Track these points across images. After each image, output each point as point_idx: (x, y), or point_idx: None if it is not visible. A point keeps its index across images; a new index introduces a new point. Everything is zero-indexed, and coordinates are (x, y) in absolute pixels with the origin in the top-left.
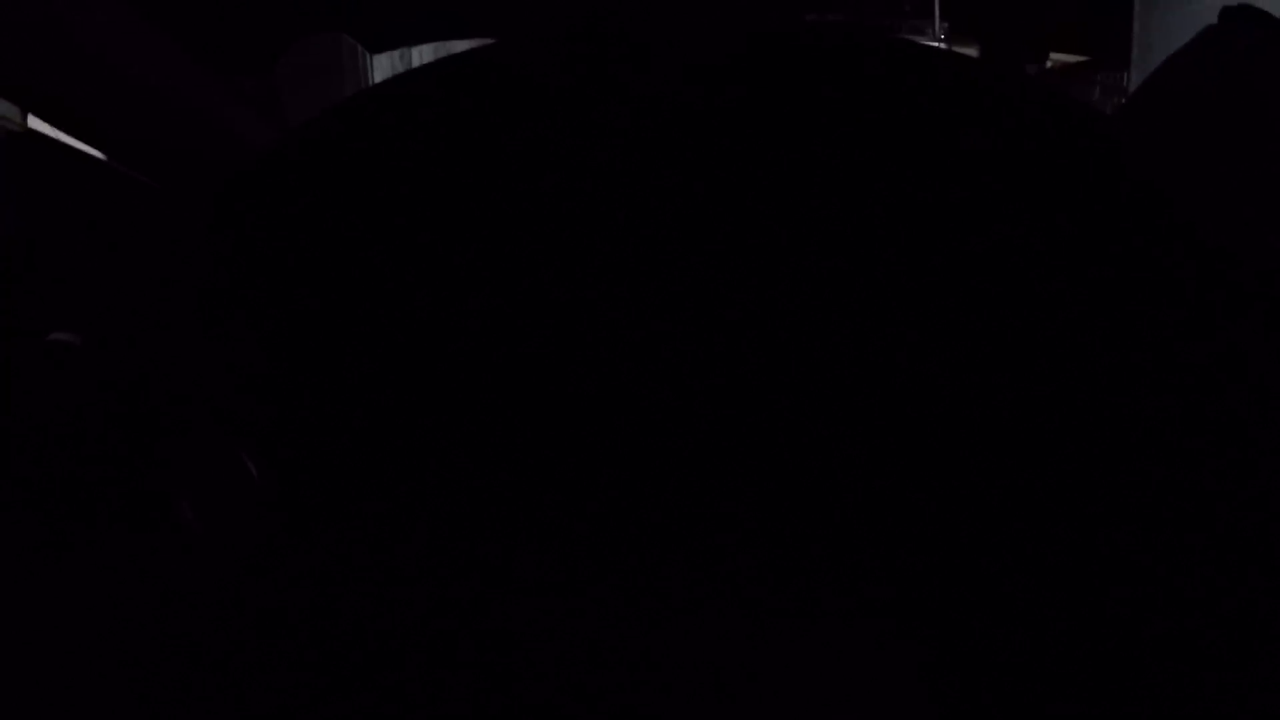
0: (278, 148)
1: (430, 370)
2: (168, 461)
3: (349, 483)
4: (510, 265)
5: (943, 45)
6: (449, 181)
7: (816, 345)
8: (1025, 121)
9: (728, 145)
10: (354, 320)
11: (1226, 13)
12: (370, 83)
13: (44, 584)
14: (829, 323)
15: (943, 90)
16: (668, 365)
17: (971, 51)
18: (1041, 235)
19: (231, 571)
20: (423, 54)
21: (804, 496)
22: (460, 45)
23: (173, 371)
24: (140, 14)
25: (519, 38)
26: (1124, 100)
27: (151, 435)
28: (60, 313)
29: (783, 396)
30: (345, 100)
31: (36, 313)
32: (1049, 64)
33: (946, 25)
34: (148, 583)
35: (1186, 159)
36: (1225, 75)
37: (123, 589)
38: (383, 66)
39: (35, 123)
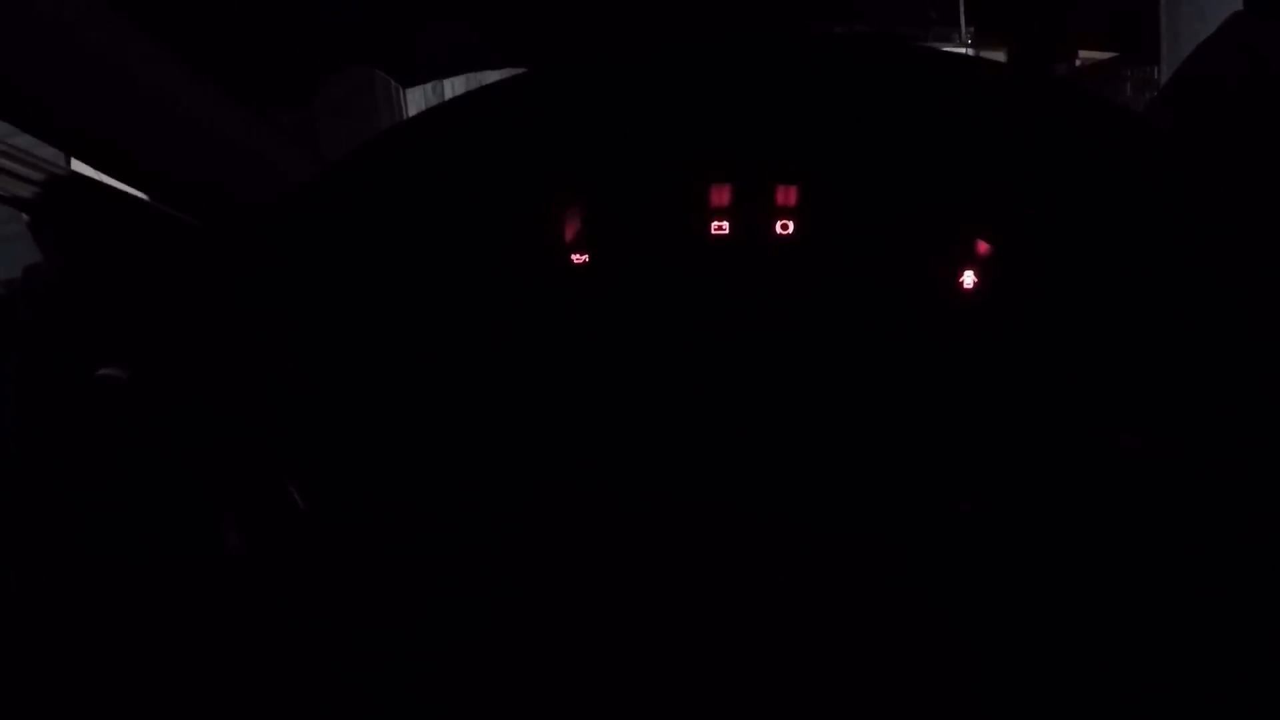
0: (317, 181)
1: (461, 382)
2: (212, 489)
3: (384, 493)
4: (535, 283)
5: (970, 49)
6: (481, 211)
7: (860, 340)
8: (1053, 123)
9: (758, 146)
10: (395, 344)
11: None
12: (404, 114)
13: (94, 607)
14: (871, 318)
15: (971, 96)
16: (721, 371)
17: (999, 54)
18: (1072, 234)
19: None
20: (454, 86)
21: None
22: (491, 76)
23: (216, 401)
24: (179, 53)
25: (551, 68)
26: (1156, 94)
27: (196, 464)
28: (106, 348)
29: (824, 400)
30: (381, 134)
31: (83, 349)
32: (1078, 62)
33: (973, 29)
34: (194, 602)
35: (1218, 149)
36: (1253, 62)
37: (170, 609)
38: (416, 99)
39: (78, 165)
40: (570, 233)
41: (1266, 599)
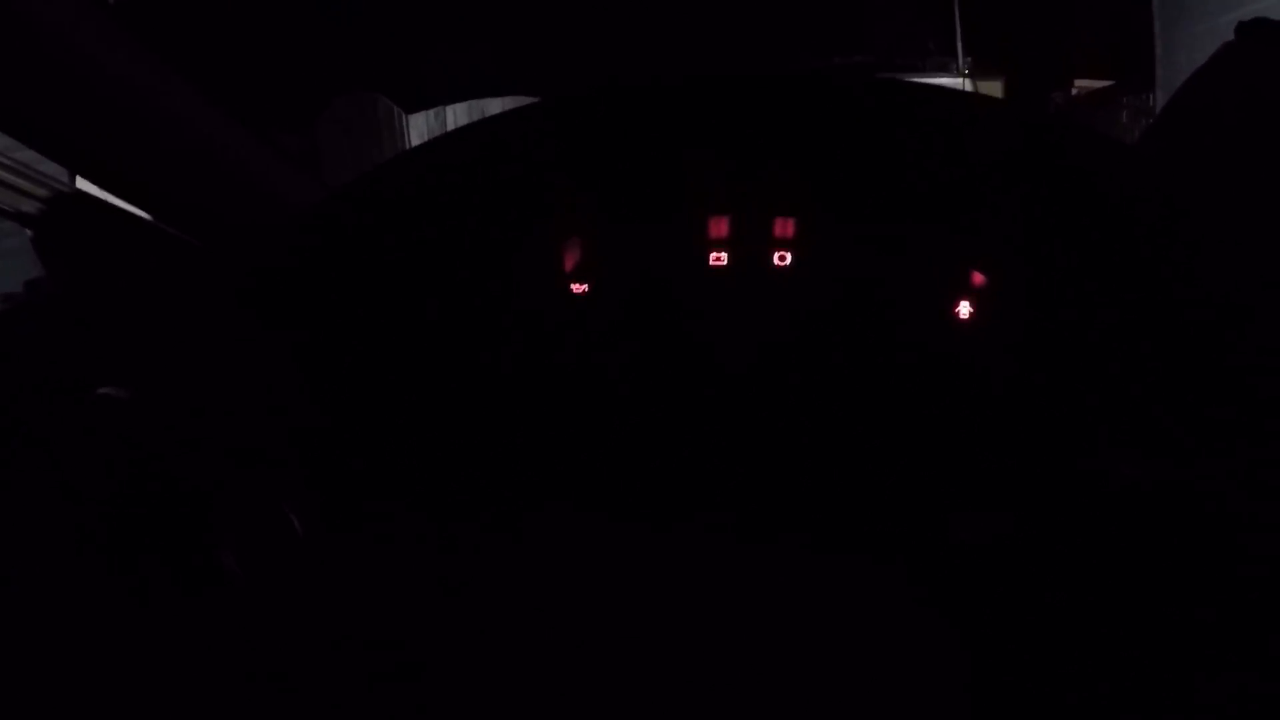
0: (323, 206)
1: (463, 407)
2: (212, 512)
3: (385, 515)
4: (536, 311)
5: (968, 79)
6: (484, 239)
7: (856, 366)
8: (1047, 157)
9: (756, 179)
10: (398, 368)
11: (1241, 28)
12: (406, 140)
13: (91, 628)
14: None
15: (966, 132)
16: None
17: (997, 83)
18: (1066, 264)
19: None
20: (456, 113)
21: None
22: (493, 103)
23: (217, 424)
24: (185, 75)
25: (554, 100)
26: (1151, 121)
27: (195, 487)
28: (107, 367)
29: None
30: (386, 161)
31: (84, 367)
32: (1075, 91)
33: (970, 60)
34: (191, 625)
35: (1212, 177)
36: (1245, 90)
37: (167, 626)
38: (418, 125)
39: (83, 183)
40: (571, 262)
41: (1265, 612)
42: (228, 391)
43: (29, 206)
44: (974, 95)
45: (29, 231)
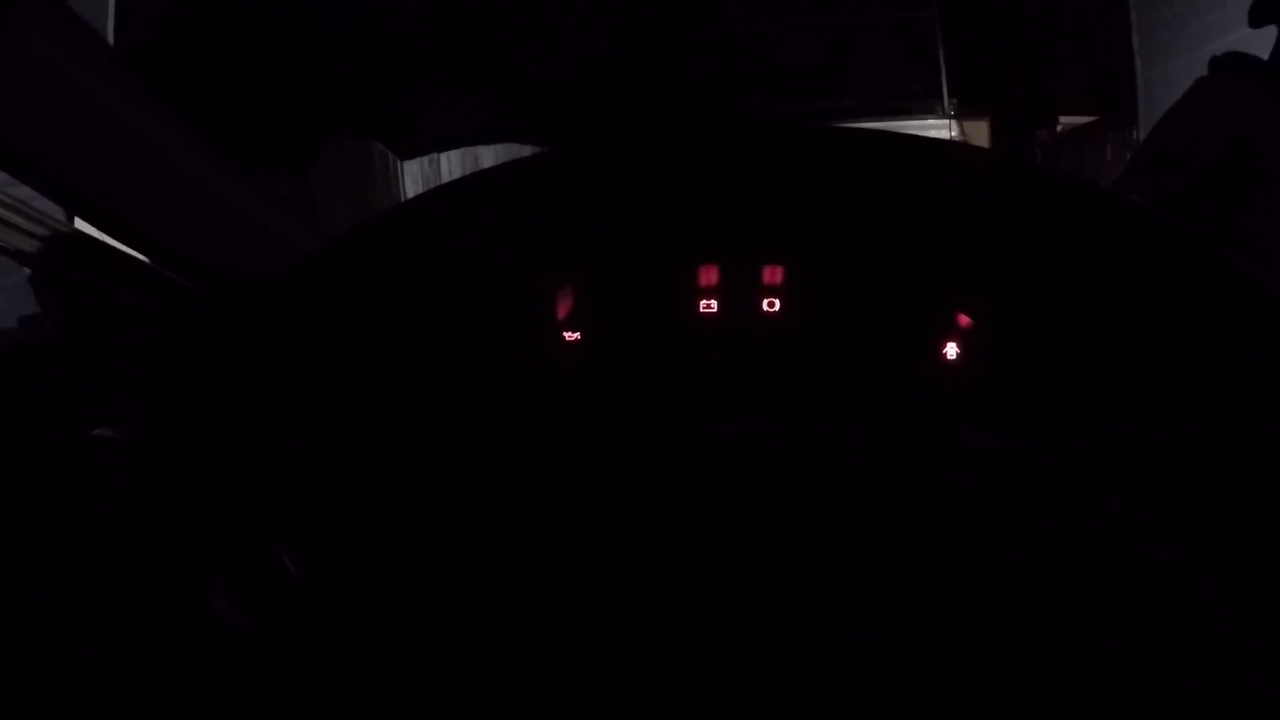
0: (320, 256)
1: (454, 455)
2: (205, 555)
3: (375, 563)
4: (529, 359)
5: (953, 119)
6: (478, 289)
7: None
8: (1028, 204)
9: (745, 227)
10: (390, 417)
11: (1215, 62)
12: (400, 186)
13: (85, 671)
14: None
15: (950, 180)
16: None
17: (982, 123)
18: (1049, 306)
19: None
20: (450, 160)
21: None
22: (486, 151)
23: (211, 468)
24: (182, 119)
25: (547, 154)
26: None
27: (190, 529)
28: (102, 409)
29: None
30: (382, 212)
31: (79, 409)
32: (1059, 128)
33: (955, 101)
34: (186, 669)
35: (1189, 214)
36: (1218, 125)
37: (163, 676)
38: (412, 171)
39: (80, 223)
40: (564, 311)
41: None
42: (222, 435)
43: (26, 244)
44: (958, 143)
45: (25, 269)
